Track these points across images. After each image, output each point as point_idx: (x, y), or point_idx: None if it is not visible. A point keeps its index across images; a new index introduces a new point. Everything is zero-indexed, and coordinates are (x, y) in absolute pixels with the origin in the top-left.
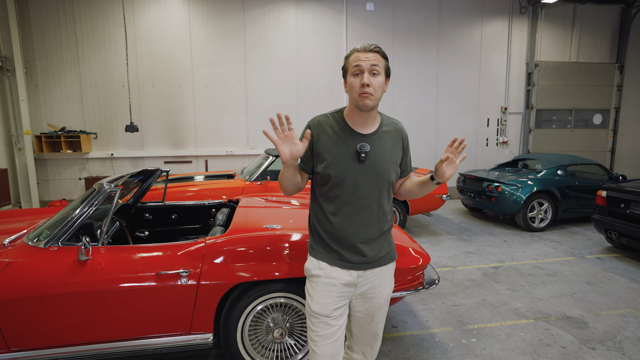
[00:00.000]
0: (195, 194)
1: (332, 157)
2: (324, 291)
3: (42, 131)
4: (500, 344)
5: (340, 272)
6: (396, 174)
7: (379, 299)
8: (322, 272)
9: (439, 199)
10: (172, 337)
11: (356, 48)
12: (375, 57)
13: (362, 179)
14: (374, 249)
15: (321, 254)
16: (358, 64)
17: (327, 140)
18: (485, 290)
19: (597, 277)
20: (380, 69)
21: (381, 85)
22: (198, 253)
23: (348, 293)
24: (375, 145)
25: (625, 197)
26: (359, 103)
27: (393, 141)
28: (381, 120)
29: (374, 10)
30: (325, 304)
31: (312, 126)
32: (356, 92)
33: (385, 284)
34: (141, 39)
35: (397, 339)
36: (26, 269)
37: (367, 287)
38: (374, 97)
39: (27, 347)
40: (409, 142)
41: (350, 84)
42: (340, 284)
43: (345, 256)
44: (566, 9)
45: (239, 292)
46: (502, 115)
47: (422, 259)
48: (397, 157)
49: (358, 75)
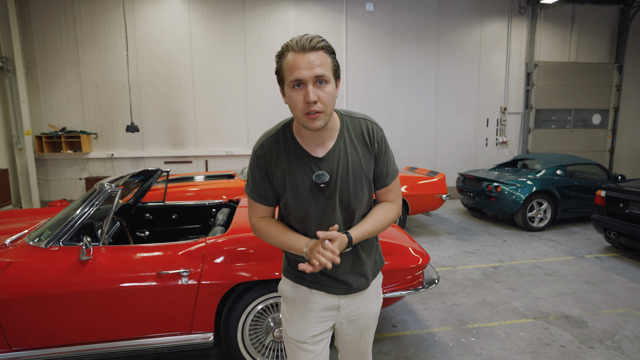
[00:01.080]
0: (195, 194)
1: (289, 189)
2: (300, 316)
3: (42, 131)
4: (499, 343)
5: (319, 296)
6: (370, 189)
7: (365, 319)
8: (298, 296)
9: (439, 198)
10: (172, 337)
11: (291, 45)
12: (320, 58)
13: (328, 209)
14: (357, 276)
15: (297, 276)
16: (297, 76)
17: (281, 169)
18: (485, 290)
19: (596, 277)
20: (328, 72)
21: (332, 95)
22: (199, 253)
23: (329, 317)
24: (337, 166)
25: (624, 197)
26: (306, 125)
27: (360, 150)
28: (340, 126)
29: (373, 11)
30: (302, 330)
31: (262, 155)
32: (300, 112)
33: (371, 302)
34: (141, 39)
35: (397, 338)
36: (27, 269)
37: (351, 309)
38: (325, 113)
39: (28, 347)
40: (383, 141)
41: (290, 99)
42: (320, 308)
43: (321, 279)
44: (565, 9)
45: (240, 292)
46: (502, 116)
47: (421, 258)
48: (368, 168)
49: (299, 88)
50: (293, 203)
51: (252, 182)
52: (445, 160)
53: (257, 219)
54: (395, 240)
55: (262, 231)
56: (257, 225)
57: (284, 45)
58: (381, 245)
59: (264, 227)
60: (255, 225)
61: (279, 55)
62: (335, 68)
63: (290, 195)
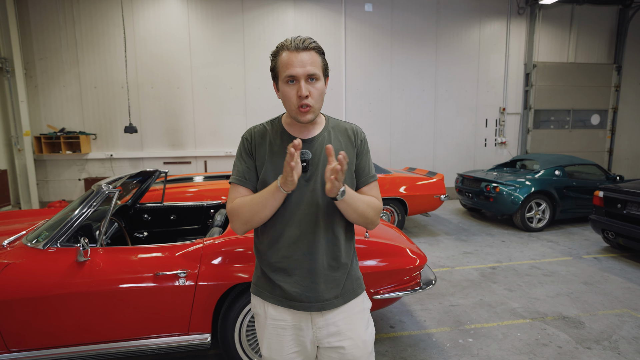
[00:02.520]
0: (194, 195)
1: (270, 170)
2: (273, 335)
3: (41, 132)
4: (496, 343)
5: (288, 313)
6: (352, 182)
7: (352, 350)
8: (268, 314)
9: (437, 199)
10: (170, 338)
11: (285, 45)
12: (311, 57)
13: (307, 193)
14: (328, 283)
15: (264, 292)
16: (291, 73)
17: (265, 152)
18: (483, 291)
19: (594, 277)
20: (319, 71)
21: (321, 91)
22: (196, 254)
23: (305, 338)
24: (320, 149)
25: (622, 198)
26: (298, 117)
27: (343, 142)
28: (326, 123)
29: (372, 12)
30: (276, 349)
31: (250, 137)
32: (293, 105)
33: (356, 327)
34: (140, 40)
35: (395, 339)
36: (25, 270)
37: (331, 332)
38: (315, 107)
39: (26, 348)
40: (366, 142)
41: (284, 94)
42: (291, 326)
43: (291, 293)
44: (564, 9)
45: (237, 293)
46: (501, 116)
47: (419, 259)
48: (351, 160)
49: (293, 83)
50: (272, 182)
51: (235, 166)
52: (444, 161)
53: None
54: (392, 241)
55: (235, 207)
56: (231, 206)
57: (279, 45)
58: (378, 246)
59: (236, 202)
60: (230, 209)
61: (274, 54)
62: (325, 67)
63: (270, 176)
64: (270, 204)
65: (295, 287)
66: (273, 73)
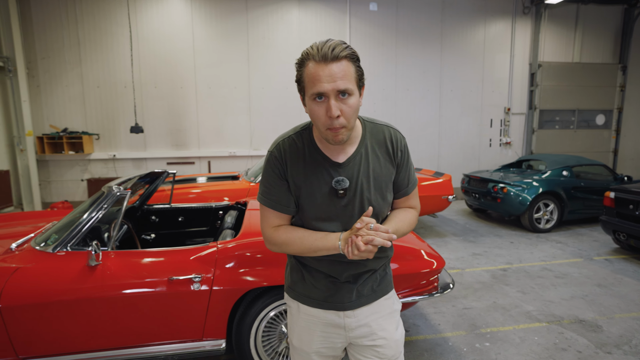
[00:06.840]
0: (198, 196)
1: (304, 194)
2: (304, 328)
3: (44, 132)
4: (514, 348)
5: (322, 312)
6: (389, 194)
7: (385, 350)
8: (301, 310)
9: (445, 200)
10: (183, 344)
11: (312, 53)
12: (343, 69)
13: (345, 217)
14: (365, 286)
15: (300, 297)
16: (319, 90)
17: (298, 172)
18: (496, 293)
19: (607, 279)
20: (352, 85)
21: (355, 107)
22: (210, 258)
23: (336, 335)
24: (357, 173)
25: (634, 199)
26: (328, 139)
27: (381, 157)
28: (362, 133)
29: (377, 11)
30: (307, 341)
31: (279, 155)
32: (322, 125)
33: (388, 327)
34: (143, 39)
35: (410, 343)
36: (35, 275)
37: (364, 332)
38: (348, 127)
39: (35, 355)
40: (406, 150)
41: (311, 112)
42: (323, 323)
43: (329, 297)
44: (569, 9)
45: (252, 298)
46: (506, 116)
47: (436, 262)
48: (388, 177)
49: (321, 100)
50: (308, 210)
51: (266, 186)
52: (448, 161)
53: (273, 228)
54: (406, 244)
55: (280, 240)
56: (274, 235)
57: (304, 53)
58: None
59: (282, 236)
60: (270, 237)
61: (299, 63)
62: (359, 77)
63: (305, 201)
64: (321, 252)
65: (332, 291)
66: (299, 86)
